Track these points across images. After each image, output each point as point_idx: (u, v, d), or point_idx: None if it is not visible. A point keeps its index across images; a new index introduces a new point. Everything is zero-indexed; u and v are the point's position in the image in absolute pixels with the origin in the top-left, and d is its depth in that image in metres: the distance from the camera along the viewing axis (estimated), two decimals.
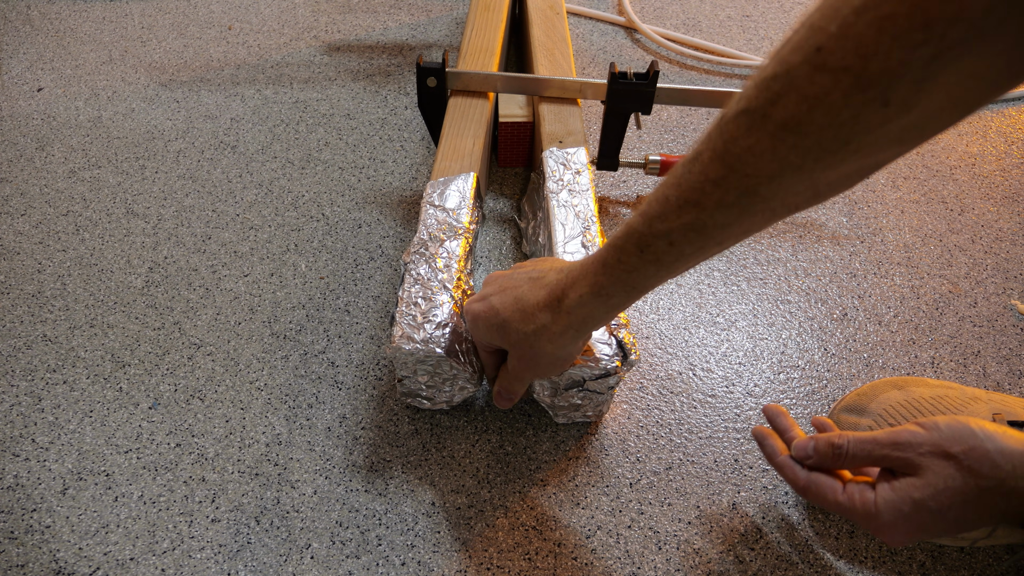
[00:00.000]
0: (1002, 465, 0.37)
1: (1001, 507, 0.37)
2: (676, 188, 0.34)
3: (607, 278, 0.39)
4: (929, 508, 0.38)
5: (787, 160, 0.31)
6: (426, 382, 0.51)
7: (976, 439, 0.38)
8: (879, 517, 0.40)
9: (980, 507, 0.37)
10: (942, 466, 0.38)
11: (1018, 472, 0.36)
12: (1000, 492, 0.37)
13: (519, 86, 0.71)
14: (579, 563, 0.48)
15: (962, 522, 0.38)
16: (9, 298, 0.64)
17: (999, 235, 0.73)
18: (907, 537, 0.40)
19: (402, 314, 0.50)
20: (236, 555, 0.48)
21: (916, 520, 0.39)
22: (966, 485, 0.37)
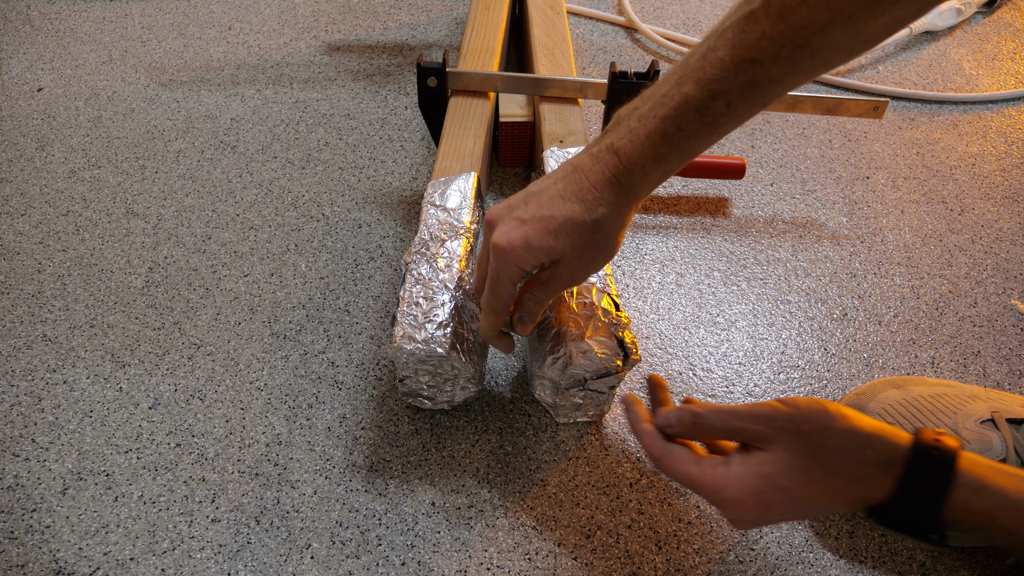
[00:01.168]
0: (850, 448, 0.36)
1: (848, 490, 0.37)
2: (730, 48, 0.36)
3: (667, 147, 0.40)
4: (776, 484, 0.38)
5: (840, 9, 0.33)
6: (427, 382, 0.51)
7: (829, 419, 0.37)
8: (726, 490, 0.39)
9: (827, 489, 0.37)
10: (794, 443, 0.38)
11: (866, 456, 0.36)
12: (847, 474, 0.36)
13: (520, 86, 0.71)
14: (579, 563, 0.48)
15: (809, 503, 0.38)
16: (9, 298, 0.64)
17: (999, 235, 0.73)
18: (753, 513, 0.39)
19: (403, 314, 0.50)
20: (236, 555, 0.48)
21: (763, 496, 0.38)
22: (814, 464, 0.37)
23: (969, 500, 0.34)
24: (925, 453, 0.35)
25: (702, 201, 0.76)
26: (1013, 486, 0.33)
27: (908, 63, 0.98)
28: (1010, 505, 0.33)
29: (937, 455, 0.35)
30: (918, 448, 0.35)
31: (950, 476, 0.34)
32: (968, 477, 0.34)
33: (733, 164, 0.74)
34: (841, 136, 0.85)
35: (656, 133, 0.40)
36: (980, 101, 0.91)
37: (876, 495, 0.36)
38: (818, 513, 0.39)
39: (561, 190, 0.42)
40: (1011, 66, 0.98)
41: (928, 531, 0.35)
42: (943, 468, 0.34)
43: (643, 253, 0.70)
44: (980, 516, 0.33)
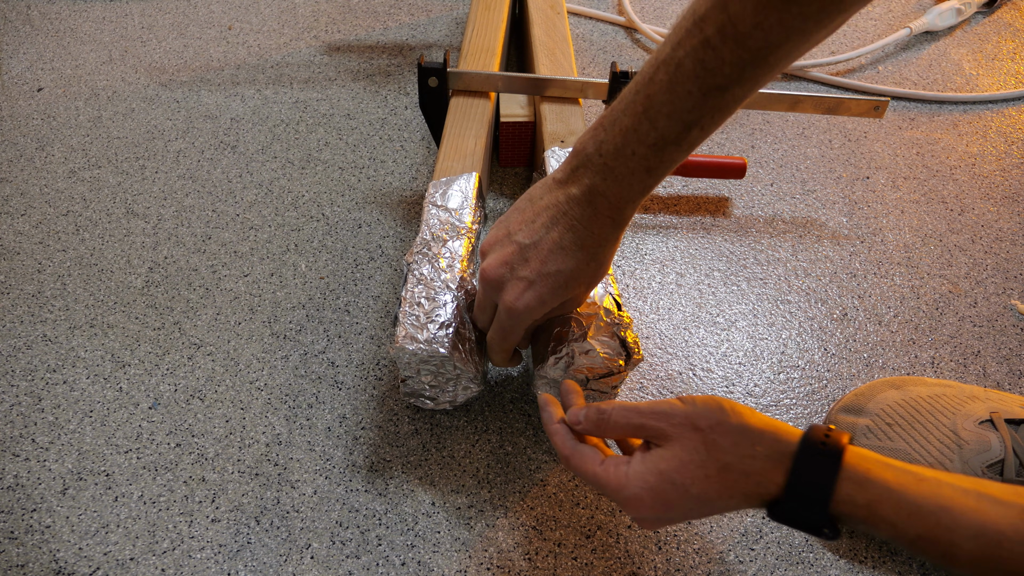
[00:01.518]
0: (741, 443, 0.37)
1: (742, 486, 0.37)
2: (696, 80, 0.37)
3: (652, 179, 0.42)
4: (673, 480, 0.38)
5: (792, 27, 0.35)
6: (429, 382, 0.51)
7: (723, 415, 0.38)
8: (627, 488, 0.40)
9: (721, 485, 0.37)
10: (690, 439, 0.38)
11: (756, 451, 0.37)
12: (739, 470, 0.37)
13: (521, 86, 0.71)
14: (579, 563, 0.48)
15: (706, 500, 0.38)
16: (9, 298, 0.64)
17: (999, 235, 0.73)
18: (653, 511, 0.40)
19: (405, 314, 0.50)
20: (236, 555, 0.48)
21: (661, 493, 0.39)
22: (708, 460, 0.38)
23: (854, 493, 0.34)
24: (813, 448, 0.36)
25: (702, 201, 0.76)
26: (896, 479, 0.34)
27: (908, 63, 0.98)
28: (891, 497, 0.33)
29: (824, 450, 0.35)
30: (806, 443, 0.36)
31: (836, 470, 0.35)
32: (853, 471, 0.35)
33: (734, 164, 0.74)
34: (841, 136, 0.85)
35: (640, 170, 0.41)
36: (980, 101, 0.91)
37: (768, 490, 0.37)
38: (718, 510, 0.39)
39: (558, 240, 0.43)
40: (1011, 66, 0.98)
41: (820, 525, 0.35)
42: (829, 462, 0.35)
43: (643, 253, 0.70)
44: (864, 509, 0.34)
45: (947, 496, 0.33)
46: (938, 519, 0.32)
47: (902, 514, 0.33)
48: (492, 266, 0.45)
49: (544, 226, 0.44)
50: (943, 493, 0.33)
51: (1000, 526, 0.31)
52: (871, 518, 0.34)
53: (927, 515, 0.32)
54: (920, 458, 0.49)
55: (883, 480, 0.34)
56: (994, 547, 0.31)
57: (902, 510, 0.33)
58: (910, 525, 0.33)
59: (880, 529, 0.34)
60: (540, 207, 0.45)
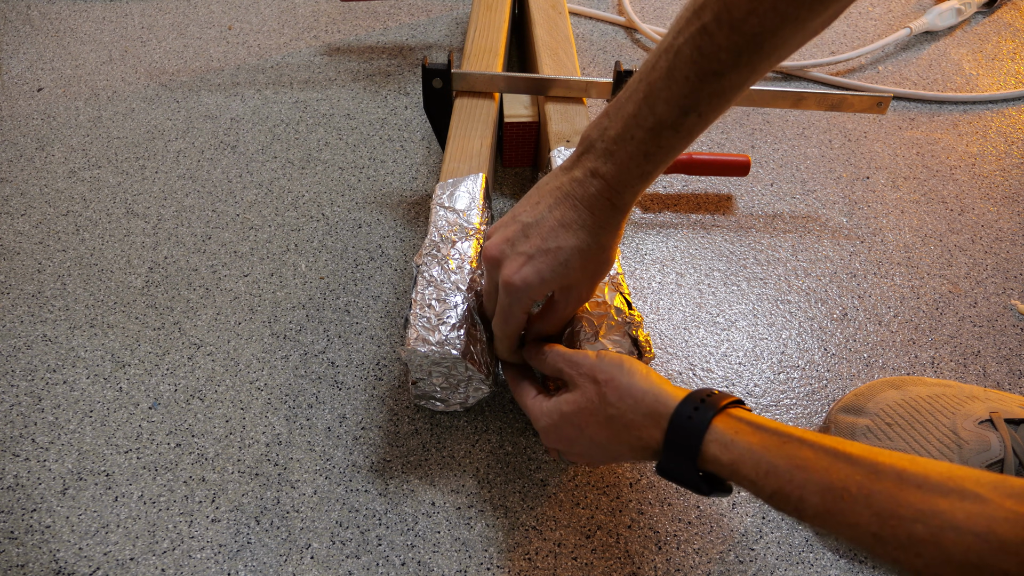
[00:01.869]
0: (625, 399, 0.41)
1: (626, 437, 0.41)
2: (693, 65, 0.38)
3: (650, 164, 0.43)
4: (571, 421, 0.44)
5: (787, 13, 0.36)
6: (441, 384, 0.51)
7: (618, 372, 0.42)
8: (540, 420, 0.46)
9: (610, 432, 0.42)
10: (589, 388, 0.43)
11: (637, 408, 0.40)
12: (622, 423, 0.41)
13: (525, 86, 0.71)
14: (579, 563, 0.48)
15: (599, 444, 0.43)
16: (9, 298, 0.64)
17: (999, 235, 0.73)
18: (558, 444, 0.46)
19: (416, 316, 0.50)
20: (236, 555, 0.48)
21: (562, 429, 0.45)
22: (599, 409, 0.42)
23: (718, 454, 0.37)
24: (685, 412, 0.39)
25: (702, 200, 0.76)
26: (760, 442, 0.36)
27: (908, 63, 0.98)
28: (752, 458, 0.36)
29: (696, 413, 0.38)
30: (681, 408, 0.39)
31: (701, 433, 0.38)
32: (719, 433, 0.37)
33: (738, 161, 0.74)
34: (841, 136, 0.85)
35: (639, 154, 0.42)
36: (980, 101, 0.91)
37: (650, 445, 0.40)
38: (612, 455, 0.44)
39: (560, 219, 0.44)
40: (1011, 66, 0.98)
41: (695, 480, 0.39)
42: (698, 427, 0.38)
43: (643, 253, 0.70)
44: (727, 468, 0.37)
45: (804, 456, 0.35)
46: (792, 476, 0.35)
47: (760, 472, 0.36)
48: (493, 243, 0.46)
49: (548, 206, 0.45)
50: (801, 454, 0.35)
51: (846, 483, 0.33)
52: (734, 476, 0.37)
53: (782, 473, 0.35)
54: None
55: (747, 443, 0.37)
56: (837, 501, 0.33)
57: (760, 469, 0.36)
58: (767, 482, 0.35)
59: (743, 485, 0.37)
60: (545, 191, 0.46)
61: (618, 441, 0.42)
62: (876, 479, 0.33)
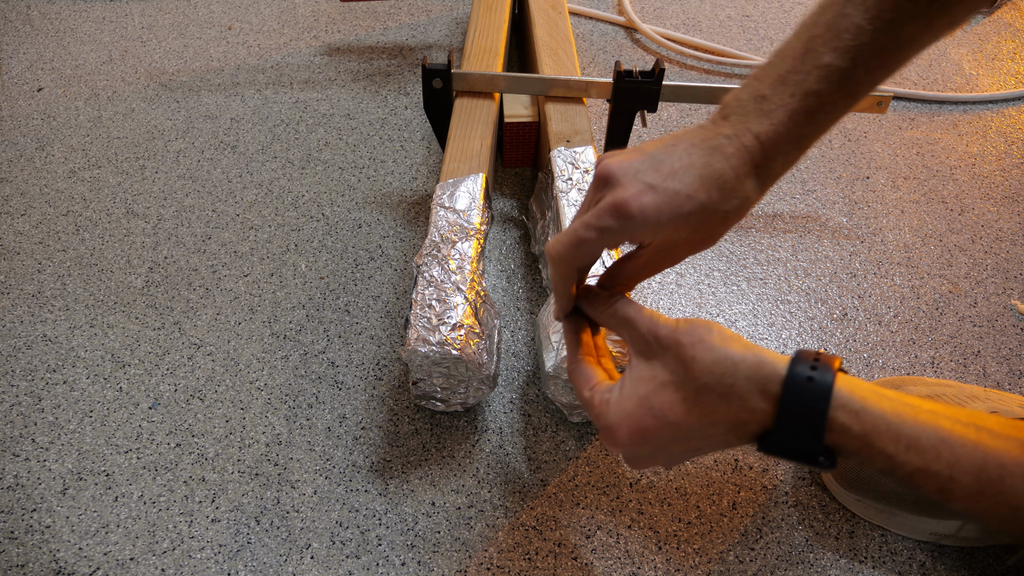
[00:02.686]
0: (722, 363, 0.34)
1: (723, 413, 0.34)
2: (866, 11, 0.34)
3: (810, 126, 0.38)
4: (651, 406, 0.36)
5: None
6: (441, 384, 0.51)
7: (707, 334, 0.35)
8: (607, 416, 0.38)
9: (701, 410, 0.35)
10: (671, 357, 0.36)
11: (738, 372, 0.34)
12: (718, 393, 0.34)
13: (525, 86, 0.71)
14: (579, 563, 0.48)
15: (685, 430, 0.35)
16: (9, 298, 0.64)
17: (999, 235, 0.73)
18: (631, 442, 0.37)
19: (417, 317, 0.50)
20: (236, 555, 0.48)
21: (638, 421, 0.36)
22: (686, 379, 0.35)
23: (849, 423, 0.32)
24: (802, 374, 0.33)
25: None
26: (892, 409, 0.32)
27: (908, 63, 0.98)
28: (889, 428, 0.31)
29: (815, 373, 0.33)
30: (795, 369, 0.33)
31: (827, 398, 0.32)
32: (847, 398, 0.32)
33: None
34: (841, 136, 0.85)
35: (799, 112, 0.37)
36: (980, 101, 0.91)
37: (754, 419, 0.34)
38: (700, 445, 0.36)
39: (699, 167, 0.37)
40: (1011, 66, 0.98)
41: (815, 455, 0.33)
42: (820, 390, 0.32)
43: None
44: (859, 440, 0.32)
45: (946, 428, 0.31)
46: (938, 452, 0.31)
47: (900, 447, 0.31)
48: (614, 161, 0.39)
49: (686, 150, 0.38)
50: (941, 425, 0.31)
51: (1003, 460, 0.30)
52: (866, 450, 0.32)
53: (926, 448, 0.31)
54: None
55: (879, 410, 0.32)
56: (996, 482, 0.30)
57: (900, 442, 0.31)
58: (908, 458, 0.31)
59: (876, 461, 0.32)
60: (685, 136, 0.39)
61: (711, 421, 0.35)
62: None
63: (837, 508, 0.51)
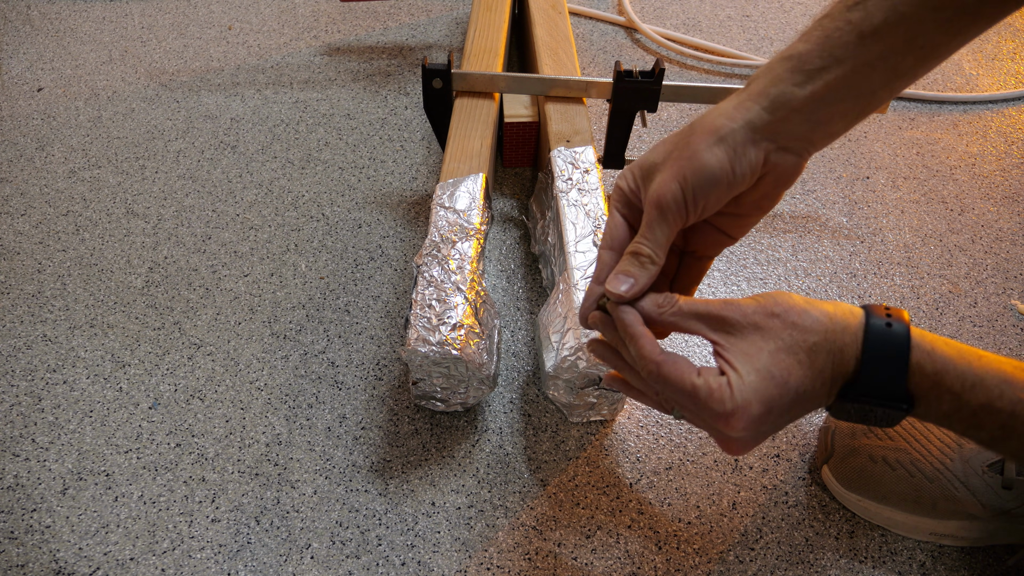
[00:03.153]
0: (820, 321, 0.36)
1: (829, 368, 0.36)
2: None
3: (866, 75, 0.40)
4: (773, 376, 0.36)
5: None
6: (441, 384, 0.51)
7: (791, 300, 0.37)
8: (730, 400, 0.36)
9: (814, 370, 0.36)
10: (772, 325, 0.36)
11: (834, 326, 0.36)
12: (826, 349, 0.36)
13: (525, 86, 0.71)
14: (579, 563, 0.48)
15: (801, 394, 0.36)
16: (9, 298, 0.64)
17: (999, 235, 0.73)
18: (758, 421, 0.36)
19: (416, 317, 0.49)
20: (236, 555, 0.48)
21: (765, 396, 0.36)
22: (796, 343, 0.36)
23: (923, 362, 0.35)
24: (881, 321, 0.36)
25: None
26: (958, 354, 0.35)
27: None
28: (956, 369, 0.34)
29: (892, 320, 0.36)
30: (872, 318, 0.36)
31: (907, 342, 0.35)
32: (921, 342, 0.35)
33: None
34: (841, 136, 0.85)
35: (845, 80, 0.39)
36: (980, 101, 0.91)
37: (848, 368, 0.36)
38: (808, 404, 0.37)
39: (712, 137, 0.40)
40: (1011, 66, 0.98)
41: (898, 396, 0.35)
42: (900, 334, 0.35)
43: None
44: (931, 378, 0.35)
45: (1008, 372, 0.34)
46: (1001, 391, 0.33)
47: (967, 385, 0.34)
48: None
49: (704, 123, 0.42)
50: (1004, 369, 0.34)
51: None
52: (936, 389, 0.34)
53: (990, 387, 0.33)
54: (921, 457, 0.49)
55: (947, 353, 0.35)
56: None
57: (967, 381, 0.34)
58: (973, 395, 0.34)
59: (943, 401, 0.34)
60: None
61: (821, 379, 0.36)
62: None
63: (837, 508, 0.51)
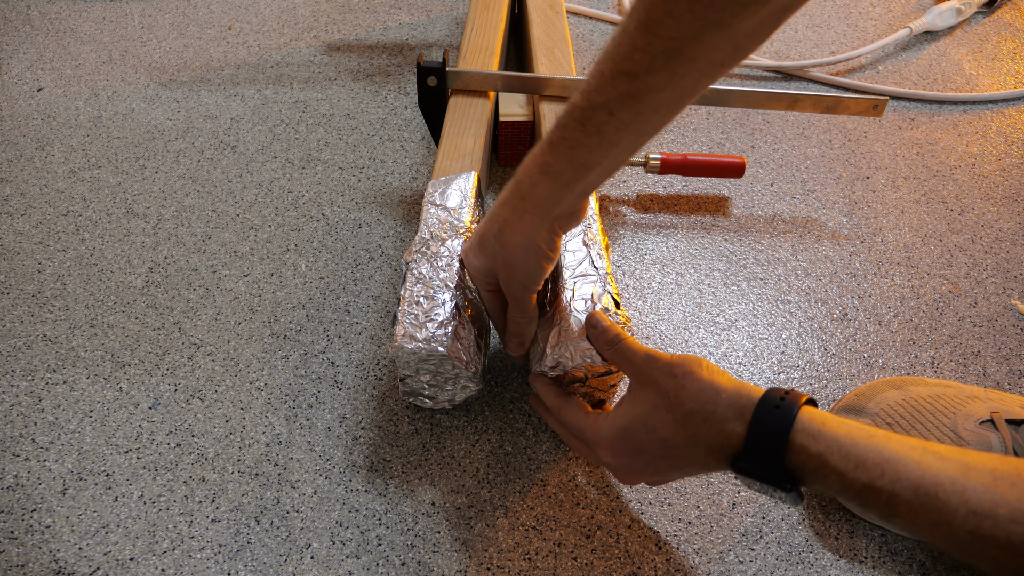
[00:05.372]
0: (707, 393, 0.40)
1: (704, 434, 0.39)
2: (609, 61, 0.38)
3: (553, 156, 0.42)
4: (644, 422, 0.42)
5: (706, 18, 0.35)
6: (428, 381, 0.51)
7: (697, 367, 0.41)
8: (601, 431, 0.44)
9: (686, 431, 0.40)
10: (664, 384, 0.41)
11: (720, 400, 0.39)
12: (702, 416, 0.39)
13: (520, 85, 0.71)
14: (579, 563, 0.48)
15: (672, 446, 0.41)
16: (9, 298, 0.64)
17: (999, 235, 0.73)
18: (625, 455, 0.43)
19: (404, 313, 0.50)
20: (236, 555, 0.48)
21: (631, 434, 0.42)
22: (676, 404, 0.40)
23: (807, 443, 0.36)
24: (771, 402, 0.38)
25: (702, 201, 0.76)
26: (847, 434, 0.36)
27: (908, 63, 0.98)
28: (841, 449, 0.35)
29: (782, 403, 0.38)
30: (765, 399, 0.38)
31: (791, 421, 0.37)
32: (808, 424, 0.37)
33: (732, 163, 0.74)
34: (841, 136, 0.85)
35: (545, 142, 0.43)
36: (980, 101, 0.91)
37: (730, 441, 0.39)
38: (685, 463, 0.41)
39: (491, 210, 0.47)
40: (1011, 66, 0.98)
41: (777, 477, 0.37)
42: (785, 415, 0.37)
43: (643, 253, 0.70)
44: (816, 459, 0.36)
45: (893, 450, 0.34)
46: (883, 470, 0.34)
47: (850, 465, 0.35)
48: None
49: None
50: (890, 447, 0.35)
51: (939, 478, 0.32)
52: (822, 469, 0.36)
53: (872, 466, 0.34)
54: None
55: (835, 434, 0.36)
56: (931, 498, 0.32)
57: (850, 461, 0.35)
58: (856, 476, 0.34)
59: (830, 481, 0.35)
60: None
61: (694, 441, 0.40)
62: (969, 475, 0.32)
63: (837, 508, 0.51)
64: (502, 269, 0.48)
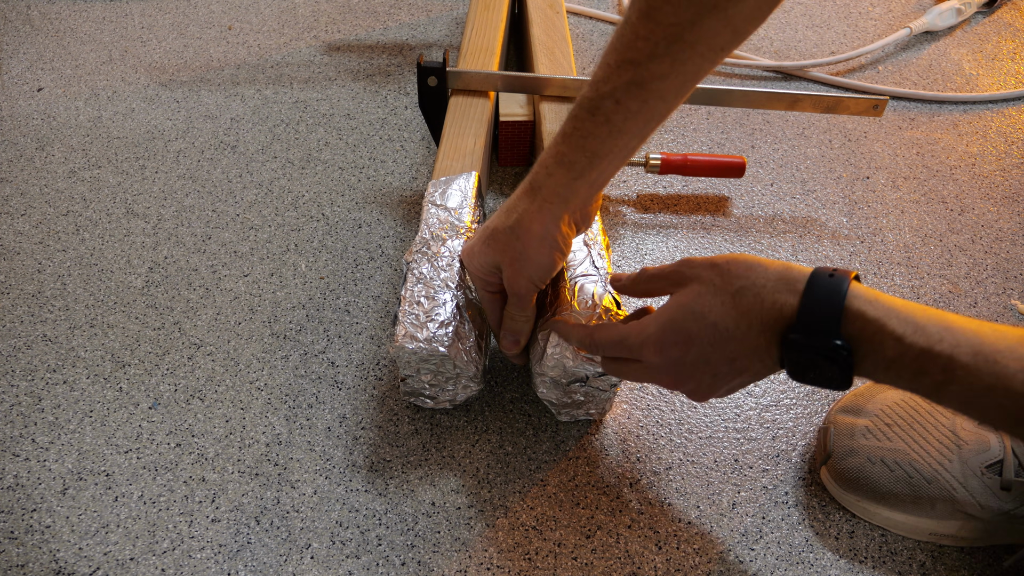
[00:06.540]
0: (755, 270, 0.39)
1: (757, 311, 0.38)
2: (614, 52, 0.40)
3: (567, 146, 0.44)
4: (692, 309, 0.40)
5: (702, 2, 0.36)
6: (429, 381, 0.51)
7: (740, 255, 0.41)
8: (647, 329, 0.42)
9: (737, 310, 0.39)
10: (708, 273, 0.41)
11: (769, 276, 0.39)
12: (753, 293, 0.39)
13: (520, 85, 0.71)
14: (579, 563, 0.48)
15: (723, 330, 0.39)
16: (9, 298, 0.64)
17: (999, 235, 0.73)
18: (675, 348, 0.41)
19: (405, 313, 0.50)
20: (236, 555, 0.48)
21: (680, 325, 0.41)
22: (724, 286, 0.40)
23: (864, 309, 0.36)
24: (823, 273, 0.38)
25: (702, 201, 0.76)
26: (903, 304, 0.36)
27: (908, 63, 0.98)
28: (899, 315, 0.36)
29: (834, 274, 0.38)
30: (817, 271, 0.38)
31: (845, 288, 0.37)
32: (861, 291, 0.37)
33: (732, 163, 0.74)
34: (841, 136, 0.85)
35: (559, 134, 0.44)
36: (980, 101, 0.91)
37: (784, 313, 0.38)
38: (738, 353, 0.40)
39: (503, 205, 0.48)
40: (1011, 66, 0.98)
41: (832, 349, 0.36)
42: (839, 283, 0.37)
43: (643, 253, 0.70)
44: (874, 324, 0.36)
45: (951, 319, 0.35)
46: (942, 336, 0.34)
47: (908, 329, 0.35)
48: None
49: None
50: (947, 317, 0.35)
51: (997, 345, 0.33)
52: (879, 334, 0.35)
53: (932, 332, 0.34)
54: (919, 458, 0.49)
55: (891, 302, 0.36)
56: (991, 363, 0.33)
57: (908, 326, 0.35)
58: (915, 340, 0.34)
59: (886, 347, 0.35)
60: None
61: (747, 320, 0.39)
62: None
63: (837, 508, 0.51)
64: (512, 263, 0.47)
